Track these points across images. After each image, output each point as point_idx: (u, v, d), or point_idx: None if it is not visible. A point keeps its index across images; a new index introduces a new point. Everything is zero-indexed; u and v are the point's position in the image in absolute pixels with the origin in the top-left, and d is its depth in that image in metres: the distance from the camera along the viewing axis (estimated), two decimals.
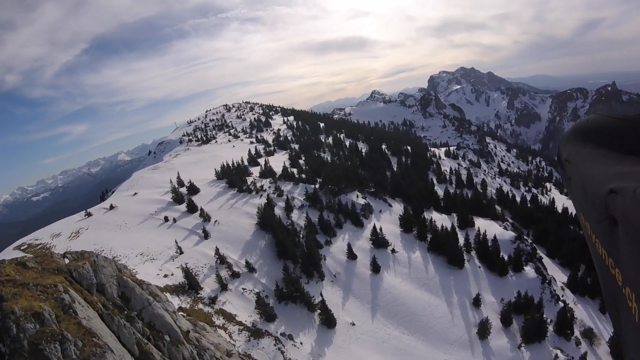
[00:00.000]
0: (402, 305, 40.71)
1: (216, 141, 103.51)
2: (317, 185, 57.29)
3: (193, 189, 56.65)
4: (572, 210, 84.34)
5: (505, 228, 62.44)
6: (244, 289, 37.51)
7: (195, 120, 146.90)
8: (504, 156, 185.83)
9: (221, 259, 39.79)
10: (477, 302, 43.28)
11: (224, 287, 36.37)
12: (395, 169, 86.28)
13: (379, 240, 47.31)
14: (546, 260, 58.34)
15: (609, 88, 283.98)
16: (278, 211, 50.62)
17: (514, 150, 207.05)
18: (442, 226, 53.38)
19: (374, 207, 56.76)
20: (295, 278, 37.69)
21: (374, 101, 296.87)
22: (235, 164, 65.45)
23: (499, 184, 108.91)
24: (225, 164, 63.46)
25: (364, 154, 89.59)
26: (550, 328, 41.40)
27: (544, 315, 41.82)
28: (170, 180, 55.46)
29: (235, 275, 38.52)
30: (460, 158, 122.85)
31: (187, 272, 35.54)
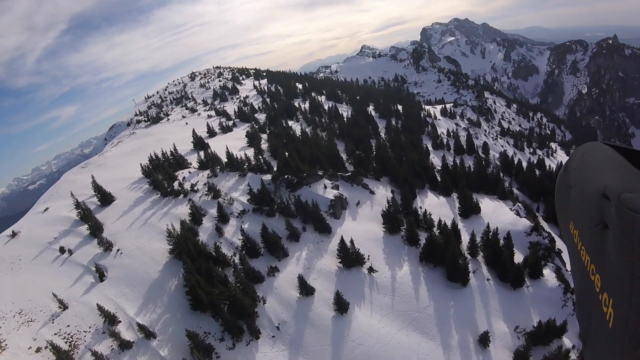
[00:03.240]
0: None
1: (168, 119, 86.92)
2: (272, 176, 42.76)
3: (106, 199, 42.21)
4: None
5: (517, 213, 49.65)
6: None
7: (153, 95, 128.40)
8: (504, 112, 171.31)
9: (110, 319, 26.39)
10: (484, 339, 30.63)
11: None
12: (383, 135, 72.02)
13: (349, 257, 33.44)
14: (560, 245, 46.36)
15: (610, 41, 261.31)
16: (207, 224, 36.71)
17: (514, 105, 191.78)
18: (441, 222, 39.88)
19: (350, 199, 42.67)
20: (208, 347, 23.92)
21: (363, 56, 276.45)
22: (171, 152, 50.29)
23: (502, 146, 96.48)
24: (153, 155, 48.28)
25: (345, 119, 74.69)
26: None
27: (569, 346, 32.23)
28: (71, 193, 40.41)
29: (125, 345, 25.12)
30: (458, 117, 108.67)
31: (57, 350, 23.26)
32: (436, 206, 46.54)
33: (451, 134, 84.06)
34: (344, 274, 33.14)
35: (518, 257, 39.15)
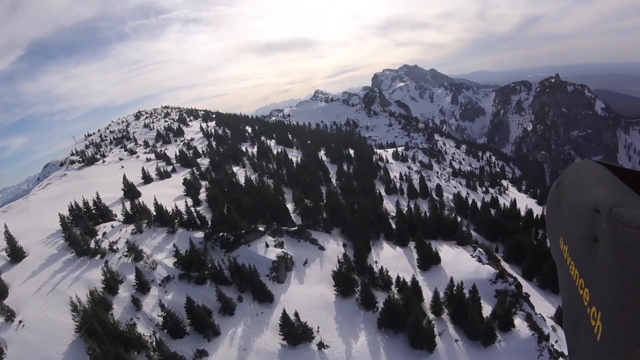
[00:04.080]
0: None
1: (104, 161, 79.58)
2: (204, 234, 37.15)
3: (16, 254, 35.44)
4: (537, 212, 72.83)
5: (479, 259, 46.55)
6: None
7: (94, 133, 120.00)
8: (454, 153, 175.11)
9: None
10: None
11: None
12: (334, 181, 68.57)
13: (295, 332, 27.92)
14: (526, 287, 45.34)
15: (553, 80, 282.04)
16: (124, 293, 30.53)
17: (463, 146, 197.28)
18: (399, 278, 35.70)
19: (296, 258, 37.41)
20: None
21: (316, 101, 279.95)
22: (94, 202, 43.79)
23: (455, 187, 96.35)
24: (73, 205, 41.76)
25: (295, 164, 70.72)
26: None
27: None
28: None
29: None
30: (409, 160, 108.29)
31: None
32: (393, 259, 42.47)
33: (404, 177, 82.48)
34: (288, 353, 27.40)
35: (486, 309, 35.53)
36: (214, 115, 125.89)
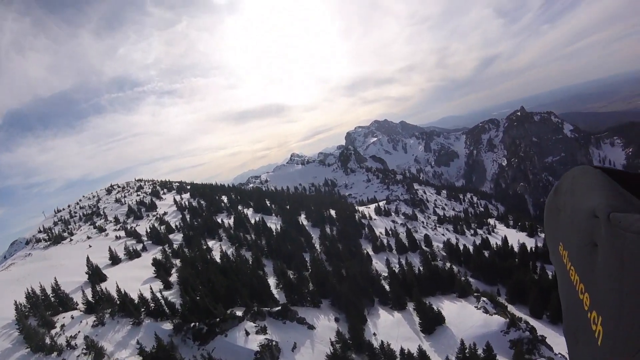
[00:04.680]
0: None
1: (71, 239, 74.28)
2: (173, 325, 32.27)
3: None
4: (530, 245, 72.26)
5: (485, 310, 42.99)
6: None
7: (63, 209, 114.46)
8: (435, 200, 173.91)
9: None
10: None
11: None
12: (318, 246, 64.68)
13: None
14: (537, 326, 41.87)
15: (519, 113, 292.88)
16: None
17: (444, 191, 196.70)
18: (403, 351, 31.33)
19: (282, 343, 32.37)
20: None
21: (292, 164, 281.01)
22: (52, 288, 38.82)
23: (443, 235, 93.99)
24: (31, 292, 36.88)
25: (275, 232, 66.77)
26: None
27: None
28: None
29: None
30: (393, 214, 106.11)
31: None
32: (392, 327, 38.14)
33: (390, 232, 79.65)
34: None
35: None
36: (188, 187, 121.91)
